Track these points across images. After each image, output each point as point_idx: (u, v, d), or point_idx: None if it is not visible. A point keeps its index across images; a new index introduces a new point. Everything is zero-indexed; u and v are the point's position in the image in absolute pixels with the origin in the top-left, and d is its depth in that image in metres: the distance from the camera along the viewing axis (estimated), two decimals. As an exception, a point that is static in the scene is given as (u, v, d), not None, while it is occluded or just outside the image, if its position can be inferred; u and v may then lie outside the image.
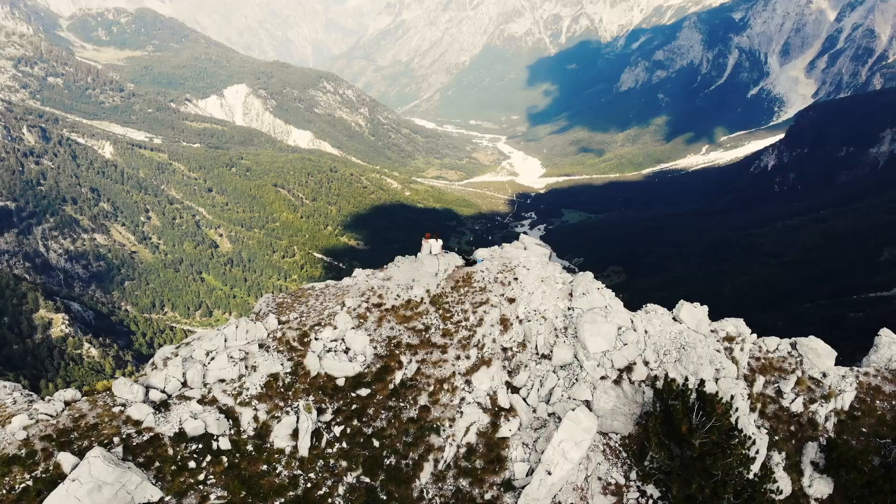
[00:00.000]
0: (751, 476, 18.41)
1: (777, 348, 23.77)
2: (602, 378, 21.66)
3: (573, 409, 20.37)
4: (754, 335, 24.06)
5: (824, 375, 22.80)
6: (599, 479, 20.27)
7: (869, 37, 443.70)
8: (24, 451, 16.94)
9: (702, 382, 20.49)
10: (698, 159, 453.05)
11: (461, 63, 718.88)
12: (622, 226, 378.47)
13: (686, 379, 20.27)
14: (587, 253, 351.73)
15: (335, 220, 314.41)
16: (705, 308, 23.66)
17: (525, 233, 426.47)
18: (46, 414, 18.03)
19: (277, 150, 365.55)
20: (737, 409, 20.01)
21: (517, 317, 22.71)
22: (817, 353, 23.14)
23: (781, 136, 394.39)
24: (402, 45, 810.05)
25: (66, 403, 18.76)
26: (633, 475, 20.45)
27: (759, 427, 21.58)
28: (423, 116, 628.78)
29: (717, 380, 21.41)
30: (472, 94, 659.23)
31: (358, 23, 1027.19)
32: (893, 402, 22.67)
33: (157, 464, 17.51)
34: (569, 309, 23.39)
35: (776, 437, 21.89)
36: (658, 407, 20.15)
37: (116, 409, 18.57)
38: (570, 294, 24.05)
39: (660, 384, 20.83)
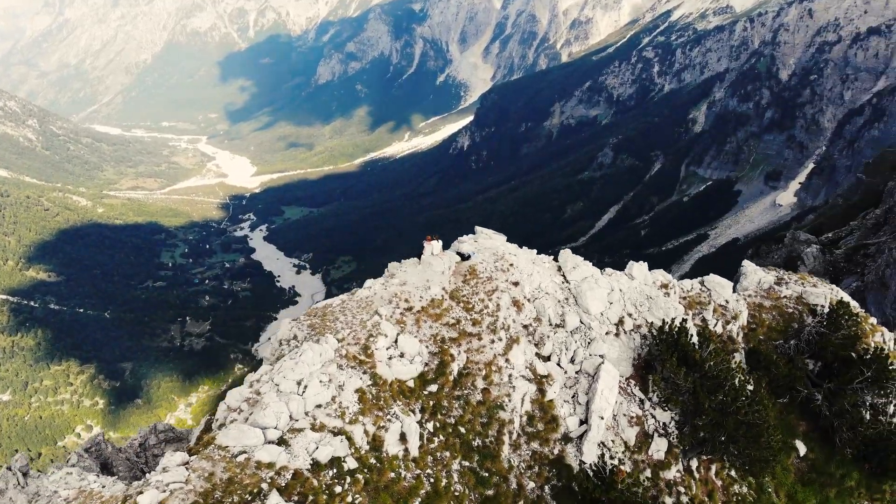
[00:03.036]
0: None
1: (692, 287, 30.41)
2: (607, 333, 26.11)
3: (601, 363, 24.57)
4: (675, 280, 30.39)
5: (727, 302, 29.98)
6: (624, 415, 24.74)
7: (531, 21, 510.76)
8: (181, 525, 15.54)
9: (684, 321, 26.01)
10: (403, 146, 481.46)
11: (143, 62, 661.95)
12: (344, 216, 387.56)
13: (672, 321, 25.67)
14: (315, 247, 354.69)
15: (16, 253, 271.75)
16: (646, 264, 29.37)
17: (247, 236, 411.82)
18: (176, 482, 16.62)
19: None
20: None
21: (525, 297, 25.89)
22: (722, 286, 30.27)
23: (471, 118, 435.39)
24: (69, 46, 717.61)
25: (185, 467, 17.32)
26: (645, 406, 25.32)
27: (701, 350, 27.83)
28: (105, 122, 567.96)
29: (674, 318, 27.05)
30: (160, 94, 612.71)
31: (11, 25, 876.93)
32: (774, 313, 30.77)
33: (311, 498, 17.45)
34: (564, 282, 27.27)
35: (711, 355, 28.40)
36: (657, 347, 25.20)
37: (241, 458, 17.78)
38: (559, 269, 28.02)
39: (654, 330, 25.98)
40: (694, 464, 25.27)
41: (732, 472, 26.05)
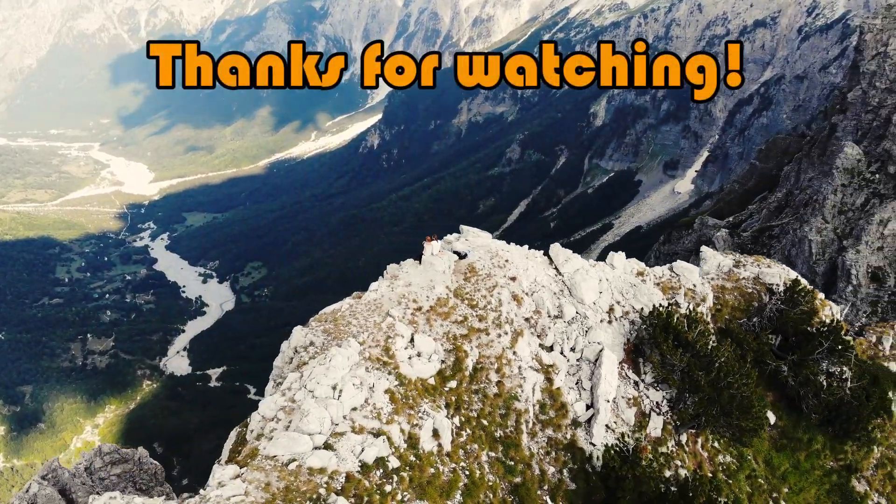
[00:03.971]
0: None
1: (663, 273, 32.31)
2: (601, 321, 27.45)
3: (602, 350, 25.90)
4: (647, 267, 32.18)
5: (695, 286, 32.08)
6: (622, 397, 26.23)
7: (434, 19, 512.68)
8: (250, 537, 15.42)
9: (670, 305, 27.77)
10: (310, 146, 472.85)
11: (27, 66, 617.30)
12: (251, 220, 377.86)
13: (659, 305, 27.39)
14: (222, 254, 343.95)
15: None
16: (624, 254, 31.04)
17: (148, 246, 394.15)
18: (237, 496, 16.43)
19: None
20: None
21: (523, 291, 26.80)
22: (690, 271, 32.33)
23: (379, 116, 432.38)
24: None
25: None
26: (640, 387, 26.92)
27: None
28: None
29: (660, 303, 28.77)
30: (47, 100, 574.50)
31: None
32: (735, 294, 33.21)
33: (366, 499, 17.74)
34: (557, 275, 28.40)
35: (686, 336, 30.38)
36: (648, 330, 26.82)
37: (292, 466, 17.82)
38: (550, 262, 29.12)
39: (642, 316, 27.64)
40: (683, 438, 27.07)
41: (716, 444, 28.10)
